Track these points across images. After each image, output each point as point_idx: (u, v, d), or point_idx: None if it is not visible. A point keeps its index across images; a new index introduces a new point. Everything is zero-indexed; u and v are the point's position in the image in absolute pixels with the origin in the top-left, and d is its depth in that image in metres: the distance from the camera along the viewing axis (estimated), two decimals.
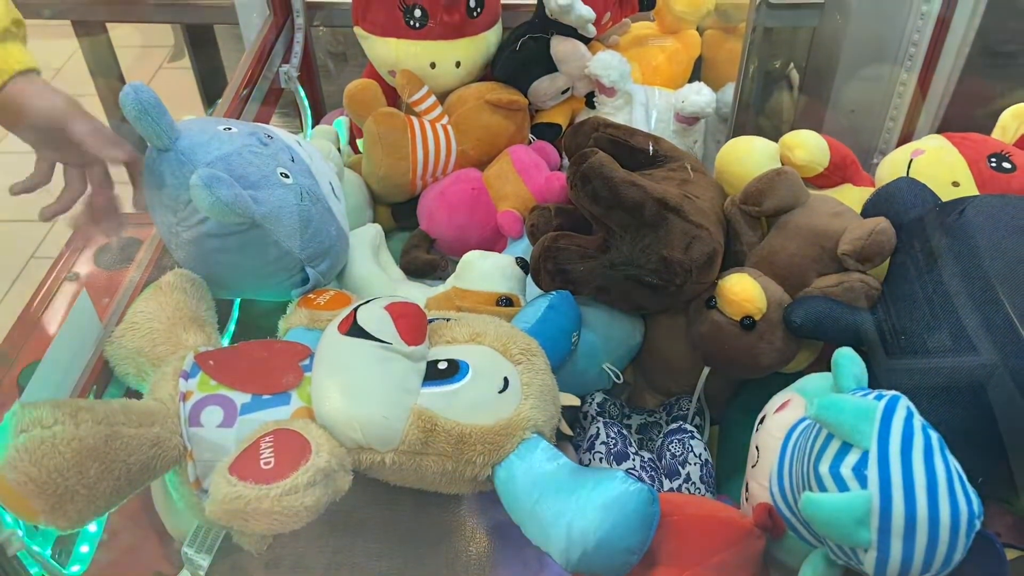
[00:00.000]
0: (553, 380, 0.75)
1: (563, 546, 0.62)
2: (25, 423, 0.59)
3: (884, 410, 0.59)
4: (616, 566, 0.63)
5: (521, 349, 0.72)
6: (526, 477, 0.66)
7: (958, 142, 0.94)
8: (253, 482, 0.59)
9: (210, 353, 0.75)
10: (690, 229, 0.83)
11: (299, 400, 0.70)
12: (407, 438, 0.67)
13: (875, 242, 0.80)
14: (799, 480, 0.63)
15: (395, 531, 0.73)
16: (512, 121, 1.13)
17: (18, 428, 0.59)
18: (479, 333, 0.73)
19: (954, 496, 0.56)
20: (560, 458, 0.68)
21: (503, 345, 0.72)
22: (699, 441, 0.82)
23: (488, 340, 0.72)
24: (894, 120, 1.27)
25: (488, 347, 0.72)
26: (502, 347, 0.72)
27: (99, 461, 0.61)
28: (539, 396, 0.71)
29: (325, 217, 0.86)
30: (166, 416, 0.68)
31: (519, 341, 0.73)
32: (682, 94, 1.12)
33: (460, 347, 0.72)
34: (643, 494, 0.62)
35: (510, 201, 1.08)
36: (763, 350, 0.83)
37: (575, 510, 0.62)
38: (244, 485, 0.59)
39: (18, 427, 0.59)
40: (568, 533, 0.62)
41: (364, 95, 1.08)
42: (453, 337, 0.73)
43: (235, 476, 0.60)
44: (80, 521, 0.62)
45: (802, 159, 0.96)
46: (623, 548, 0.62)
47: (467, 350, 0.71)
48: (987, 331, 0.71)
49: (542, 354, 0.75)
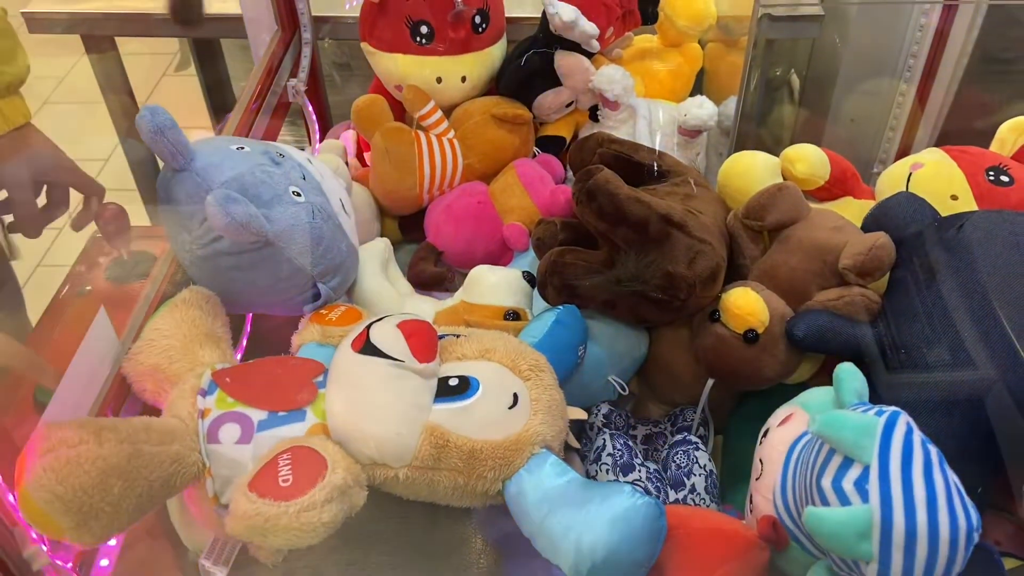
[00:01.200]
0: (561, 395, 0.76)
1: (572, 560, 0.63)
2: (51, 442, 0.61)
3: (884, 426, 0.60)
4: None
5: (530, 365, 0.74)
6: (536, 491, 0.68)
7: (956, 155, 0.95)
8: (272, 499, 0.61)
9: (227, 371, 0.76)
10: (694, 244, 0.85)
11: (314, 416, 0.71)
12: (420, 454, 0.68)
13: (875, 257, 0.81)
14: (802, 493, 0.65)
15: (408, 543, 0.75)
16: (517, 135, 1.15)
17: (45, 448, 0.60)
18: (488, 349, 0.74)
19: (953, 510, 0.58)
20: (569, 472, 0.69)
21: (512, 361, 0.73)
22: (703, 452, 0.83)
23: (497, 356, 0.74)
24: (893, 131, 1.29)
25: (497, 363, 0.73)
26: (511, 363, 0.73)
27: (122, 479, 0.63)
28: (548, 411, 0.72)
29: (336, 234, 0.88)
30: (185, 434, 0.70)
31: (528, 357, 0.75)
32: (684, 107, 1.13)
33: (470, 363, 0.73)
34: (650, 508, 0.64)
35: (516, 214, 1.09)
36: (766, 363, 0.84)
37: (584, 524, 0.64)
38: (264, 502, 0.61)
39: (45, 447, 0.61)
40: (577, 547, 0.63)
41: (371, 110, 1.10)
42: (463, 353, 0.74)
43: (254, 493, 0.62)
44: (104, 537, 0.64)
45: (803, 173, 0.97)
46: (631, 561, 0.63)
47: (477, 366, 0.73)
48: (985, 345, 0.72)
49: (550, 369, 0.76)
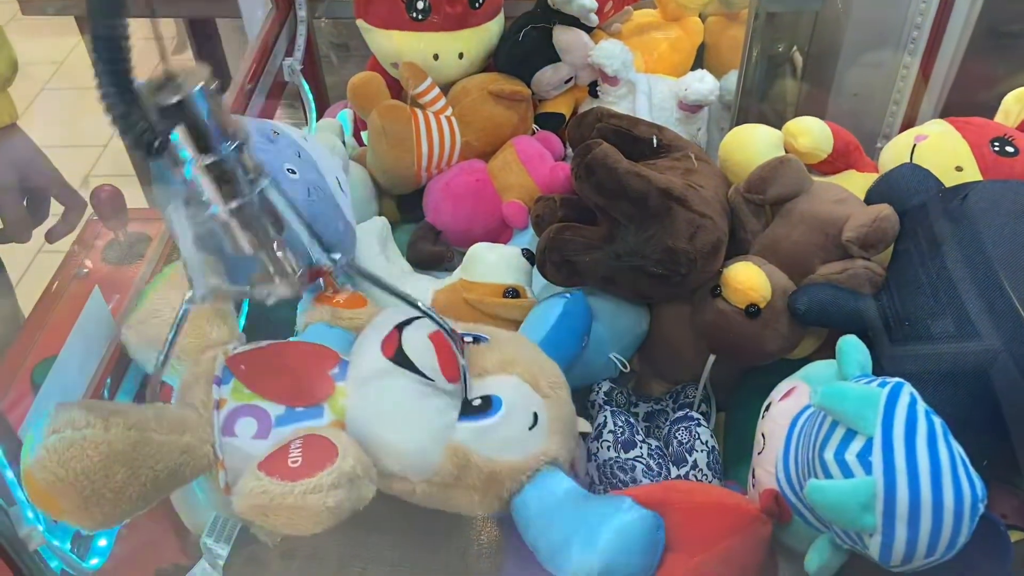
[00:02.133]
0: (572, 409, 0.75)
1: (571, 572, 0.64)
2: (58, 424, 0.60)
3: (888, 397, 0.60)
4: None
5: (550, 383, 0.73)
6: (539, 505, 0.68)
7: (961, 127, 0.94)
8: (279, 478, 0.60)
9: (240, 356, 0.75)
10: (694, 219, 0.84)
11: (331, 413, 0.70)
12: (441, 471, 0.68)
13: (878, 229, 0.80)
14: (804, 467, 0.64)
15: (408, 523, 0.74)
16: (515, 112, 1.13)
17: (51, 429, 0.60)
18: (509, 361, 0.73)
19: (958, 481, 0.57)
20: (572, 486, 0.69)
21: (533, 377, 0.72)
22: (705, 428, 0.83)
23: (518, 370, 0.72)
24: (897, 104, 1.27)
25: (518, 378, 0.72)
26: (532, 379, 0.72)
27: (126, 466, 0.62)
28: (564, 432, 0.72)
29: (332, 212, 0.87)
30: (198, 425, 0.68)
31: (548, 374, 0.73)
32: (685, 82, 1.12)
33: (491, 379, 0.72)
34: (647, 521, 0.64)
35: (515, 192, 1.08)
36: (768, 337, 0.84)
37: (583, 537, 0.64)
38: (270, 480, 0.60)
39: (51, 427, 0.60)
40: (576, 559, 0.63)
41: (368, 88, 1.09)
42: (484, 368, 0.73)
43: (263, 472, 0.61)
44: (105, 523, 0.64)
45: (806, 146, 0.96)
46: (628, 574, 0.64)
47: (499, 383, 0.72)
48: (990, 316, 0.72)
49: (565, 384, 0.75)
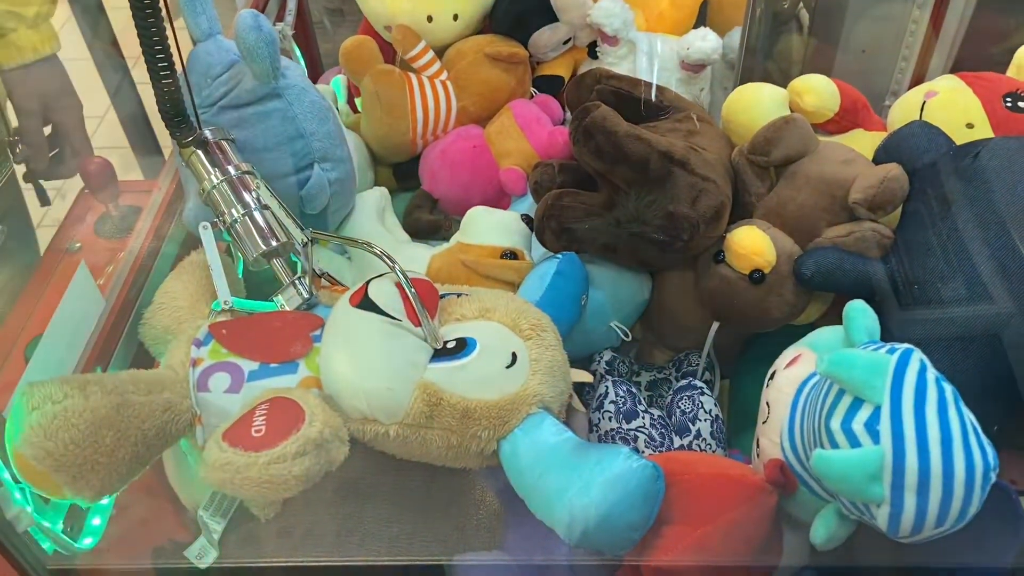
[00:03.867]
0: (564, 356, 0.74)
1: (566, 522, 0.62)
2: (36, 400, 0.60)
3: (896, 364, 0.58)
4: (618, 542, 0.63)
5: (531, 324, 0.71)
6: (530, 452, 0.66)
7: (972, 82, 0.91)
8: (243, 449, 0.60)
9: (225, 323, 0.75)
10: (696, 182, 0.81)
11: (306, 369, 0.69)
12: (412, 411, 0.66)
13: (887, 189, 0.78)
14: (810, 436, 0.63)
15: (405, 497, 0.73)
16: (513, 75, 1.11)
17: (30, 406, 0.60)
18: (488, 308, 0.72)
19: (969, 449, 0.55)
20: (565, 433, 0.67)
21: (513, 320, 0.71)
22: (709, 397, 0.81)
23: (498, 315, 0.71)
24: (907, 60, 1.23)
25: (497, 322, 0.71)
26: (511, 322, 0.71)
27: (113, 429, 0.62)
28: (548, 372, 0.70)
29: (340, 131, 0.90)
30: (175, 382, 0.69)
31: (529, 316, 0.72)
32: (687, 40, 1.09)
33: (469, 324, 0.71)
34: (646, 470, 0.62)
35: (513, 158, 1.06)
36: (773, 303, 0.82)
37: (578, 486, 0.62)
38: (234, 451, 0.60)
39: (29, 405, 0.60)
40: (570, 509, 0.62)
41: (360, 52, 1.06)
42: (462, 314, 0.72)
43: (226, 442, 0.60)
44: (105, 490, 0.64)
45: (812, 105, 0.93)
46: (625, 525, 0.62)
47: (476, 327, 0.71)
48: (1002, 278, 0.69)
49: (553, 329, 0.73)
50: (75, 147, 1.14)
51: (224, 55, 0.83)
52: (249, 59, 0.80)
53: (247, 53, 0.80)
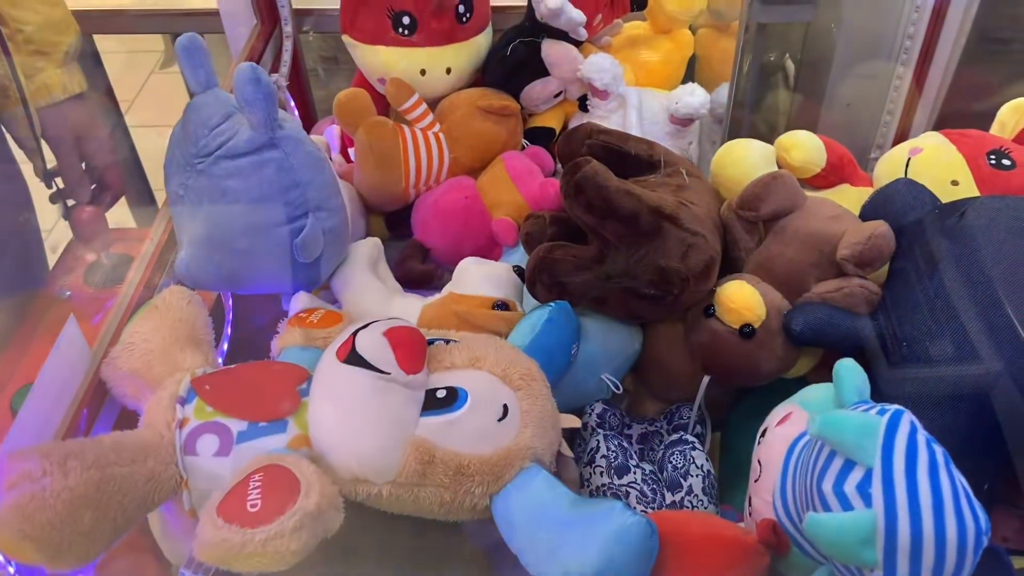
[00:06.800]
0: (553, 404, 0.73)
1: None
2: (14, 477, 0.58)
3: (887, 426, 0.58)
4: None
5: (521, 374, 0.71)
6: (523, 508, 0.65)
7: (956, 139, 0.92)
8: (239, 526, 0.58)
9: (207, 377, 0.74)
10: (686, 237, 0.82)
11: (296, 427, 0.68)
12: (404, 470, 0.66)
13: (874, 246, 0.78)
14: (803, 497, 0.62)
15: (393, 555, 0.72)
16: (504, 127, 1.12)
17: (8, 483, 0.58)
18: (479, 357, 0.71)
19: (960, 513, 0.55)
20: (558, 488, 0.66)
21: (503, 370, 0.70)
22: (700, 452, 0.81)
23: (488, 365, 0.71)
24: (891, 115, 1.25)
25: (487, 372, 0.70)
26: (502, 372, 0.70)
27: (92, 508, 0.60)
28: (538, 424, 0.69)
29: (334, 181, 0.90)
30: (159, 447, 0.67)
31: (519, 365, 0.72)
32: (676, 95, 1.10)
33: (459, 373, 0.70)
34: (642, 527, 0.61)
35: (504, 209, 1.06)
36: (763, 358, 0.82)
37: (572, 544, 0.61)
38: (229, 529, 0.58)
39: (8, 481, 0.58)
40: (565, 568, 0.61)
41: (354, 105, 1.07)
42: (452, 363, 0.71)
43: (221, 518, 0.59)
44: (81, 564, 0.62)
45: (799, 160, 0.94)
46: None
47: (466, 376, 0.70)
48: (990, 337, 0.70)
49: (542, 378, 0.73)
50: (110, 180, 1.18)
51: (222, 106, 0.84)
52: (248, 111, 0.81)
53: (246, 105, 0.81)
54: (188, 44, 0.83)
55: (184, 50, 0.83)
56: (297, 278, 0.90)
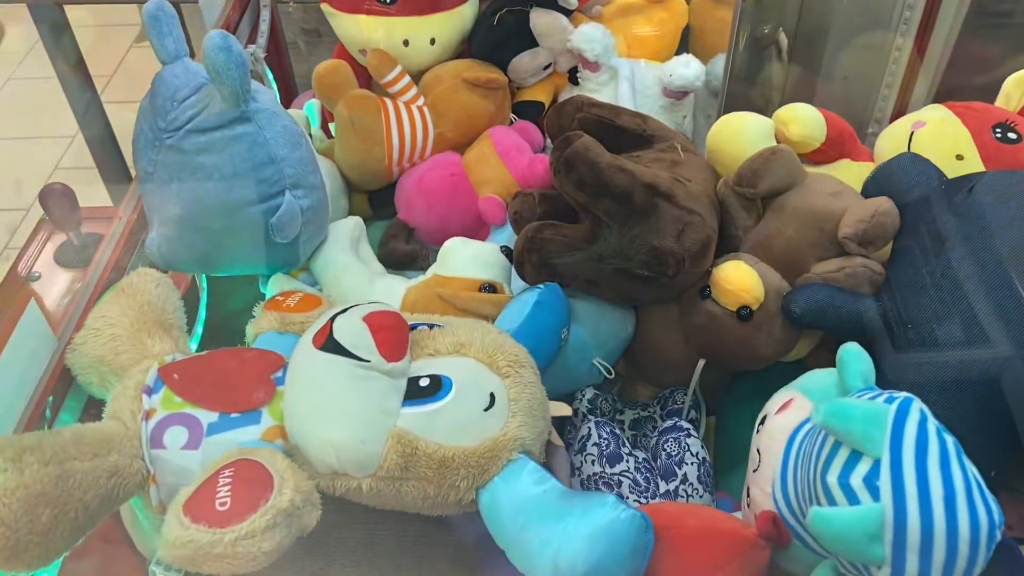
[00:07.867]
0: (543, 392, 0.70)
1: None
2: None
3: (896, 415, 0.55)
4: None
5: (509, 360, 0.68)
6: (511, 502, 0.62)
7: (961, 112, 0.89)
8: (207, 525, 0.55)
9: (175, 365, 0.70)
10: (682, 215, 0.78)
11: (270, 418, 0.65)
12: (386, 463, 0.62)
13: (878, 224, 0.75)
14: (805, 488, 0.59)
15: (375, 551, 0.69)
16: (491, 100, 1.08)
17: None
18: (464, 343, 0.68)
19: (973, 506, 0.53)
20: (548, 481, 0.63)
21: (489, 357, 0.67)
22: (696, 439, 0.78)
23: (473, 351, 0.67)
24: (889, 88, 1.22)
25: (473, 359, 0.67)
26: (488, 359, 0.67)
27: (51, 506, 0.57)
28: (527, 412, 0.66)
29: (313, 158, 0.87)
30: (124, 440, 0.64)
31: (507, 352, 0.68)
32: (669, 67, 1.07)
33: (443, 360, 0.67)
34: (635, 522, 0.58)
35: (492, 186, 1.02)
36: (761, 341, 0.79)
37: (562, 538, 0.58)
38: (197, 528, 0.55)
39: None
40: (555, 563, 0.58)
41: (334, 77, 1.03)
42: (436, 349, 0.68)
43: (188, 517, 0.55)
44: (39, 565, 0.59)
45: (798, 134, 0.91)
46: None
47: (451, 363, 0.67)
48: (999, 318, 0.67)
49: (531, 364, 0.70)
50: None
51: (192, 78, 0.80)
52: (217, 81, 0.77)
53: (215, 75, 0.77)
54: (154, 10, 0.79)
55: (151, 17, 0.79)
56: (274, 259, 0.87)
